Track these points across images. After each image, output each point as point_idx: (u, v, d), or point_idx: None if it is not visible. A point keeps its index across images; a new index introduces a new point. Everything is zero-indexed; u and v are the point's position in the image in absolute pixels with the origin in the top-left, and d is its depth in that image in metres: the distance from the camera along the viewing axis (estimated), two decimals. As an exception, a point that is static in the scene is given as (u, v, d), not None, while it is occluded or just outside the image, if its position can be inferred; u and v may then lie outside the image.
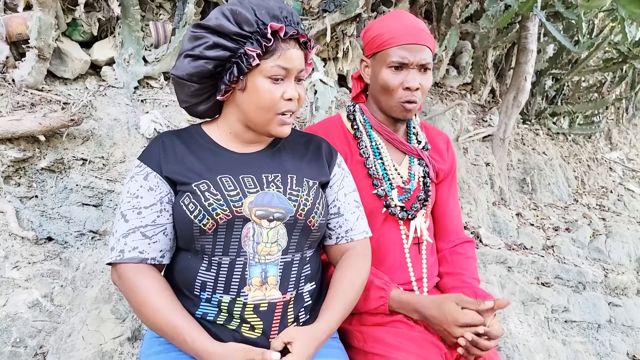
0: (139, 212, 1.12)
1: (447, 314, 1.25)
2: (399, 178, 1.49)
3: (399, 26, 1.39)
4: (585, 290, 2.94)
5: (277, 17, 1.10)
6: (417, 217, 1.49)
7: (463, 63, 3.73)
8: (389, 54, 1.39)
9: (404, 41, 1.37)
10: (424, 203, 1.50)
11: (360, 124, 1.52)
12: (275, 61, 1.11)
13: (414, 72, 1.38)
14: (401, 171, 1.51)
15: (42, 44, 1.94)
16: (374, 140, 1.50)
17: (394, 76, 1.39)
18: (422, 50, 1.38)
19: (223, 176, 1.14)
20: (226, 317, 1.11)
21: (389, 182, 1.47)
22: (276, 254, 1.13)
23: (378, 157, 1.49)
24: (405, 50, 1.37)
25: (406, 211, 1.47)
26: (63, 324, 1.73)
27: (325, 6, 2.57)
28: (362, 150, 1.48)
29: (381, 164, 1.49)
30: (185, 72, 1.12)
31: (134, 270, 1.10)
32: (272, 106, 1.13)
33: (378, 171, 1.47)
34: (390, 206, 1.45)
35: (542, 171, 4.07)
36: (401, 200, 1.47)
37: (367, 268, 1.29)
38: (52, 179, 1.96)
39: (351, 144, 1.51)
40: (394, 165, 1.50)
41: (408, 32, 1.38)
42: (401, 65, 1.38)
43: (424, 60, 1.38)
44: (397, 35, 1.38)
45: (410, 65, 1.38)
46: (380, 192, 1.45)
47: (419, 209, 1.48)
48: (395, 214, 1.45)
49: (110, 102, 2.17)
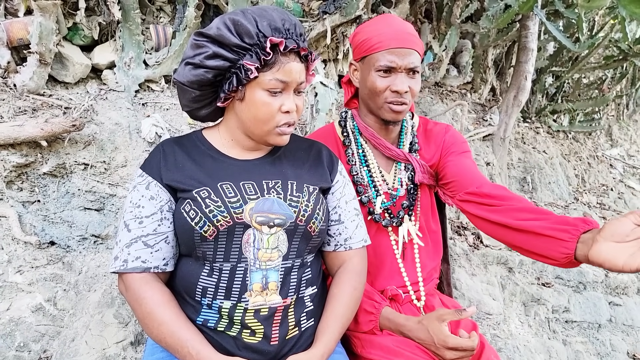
0: (141, 222, 1.13)
1: (435, 337, 1.23)
2: (385, 185, 1.48)
3: (387, 30, 1.39)
4: (586, 290, 2.95)
5: (278, 29, 1.10)
6: (404, 223, 1.48)
7: (463, 62, 3.72)
8: (377, 58, 1.39)
9: (392, 45, 1.37)
10: (410, 209, 1.49)
11: (350, 130, 1.52)
12: (273, 74, 1.11)
13: (402, 76, 1.38)
14: (388, 177, 1.50)
15: (43, 48, 1.93)
16: (360, 146, 1.50)
17: (382, 80, 1.39)
18: (410, 54, 1.38)
19: (224, 183, 1.15)
20: (227, 323, 1.12)
21: (374, 189, 1.47)
22: (277, 259, 1.13)
23: (364, 164, 1.49)
24: (393, 55, 1.37)
25: (391, 218, 1.47)
26: (66, 328, 1.74)
27: (325, 8, 2.57)
28: (348, 157, 1.49)
29: (367, 170, 1.48)
30: (186, 79, 1.13)
31: (140, 281, 1.11)
32: (269, 119, 1.14)
33: (364, 178, 1.47)
34: (373, 213, 1.45)
35: (543, 170, 4.06)
36: (383, 207, 1.46)
37: (363, 283, 1.29)
38: (54, 183, 1.96)
39: (341, 151, 1.51)
40: (380, 172, 1.49)
41: (396, 36, 1.38)
42: (389, 69, 1.38)
43: (412, 64, 1.38)
44: (385, 40, 1.38)
45: (399, 69, 1.38)
46: (364, 199, 1.45)
47: (404, 215, 1.48)
48: (379, 220, 1.45)
49: (112, 106, 2.17)
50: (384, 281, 1.48)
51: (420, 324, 1.27)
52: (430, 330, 1.24)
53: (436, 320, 1.23)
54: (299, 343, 1.18)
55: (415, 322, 1.29)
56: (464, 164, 1.44)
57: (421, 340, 1.27)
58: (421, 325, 1.27)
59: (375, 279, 1.49)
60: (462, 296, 2.49)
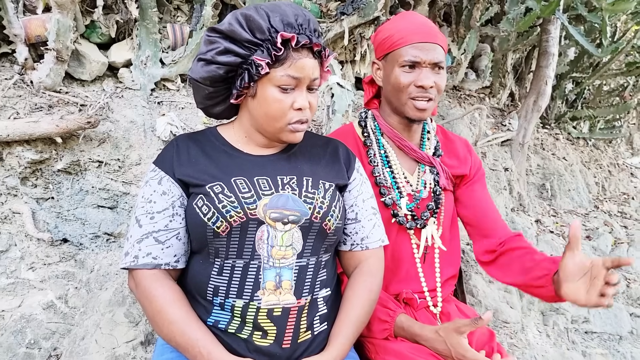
0: (152, 217, 1.12)
1: (452, 349, 1.20)
2: (408, 186, 1.46)
3: (409, 26, 1.37)
4: (607, 300, 2.86)
5: (291, 24, 1.08)
6: (428, 225, 1.45)
7: (482, 66, 3.68)
8: (400, 53, 1.37)
9: (415, 40, 1.35)
10: (435, 211, 1.46)
11: (371, 130, 1.49)
12: (285, 70, 1.09)
13: (427, 71, 1.36)
14: (411, 179, 1.47)
15: (61, 45, 1.94)
16: (382, 147, 1.47)
17: (406, 75, 1.37)
18: (434, 49, 1.35)
19: (237, 178, 1.13)
20: (239, 323, 1.09)
21: (397, 190, 1.44)
22: (291, 257, 1.11)
23: (386, 165, 1.46)
24: (416, 49, 1.35)
25: (415, 220, 1.44)
26: (77, 326, 1.73)
27: (343, 9, 2.54)
28: (370, 158, 1.46)
29: (390, 171, 1.45)
30: (199, 75, 1.13)
31: (151, 278, 1.09)
32: (281, 116, 1.12)
33: (387, 179, 1.44)
34: (397, 215, 1.42)
35: (562, 177, 3.99)
36: (409, 209, 1.43)
37: (379, 285, 1.26)
38: (68, 180, 1.96)
39: (362, 152, 1.48)
40: (403, 173, 1.46)
41: (419, 30, 1.36)
42: (413, 64, 1.36)
43: (436, 58, 1.35)
44: (408, 35, 1.36)
45: (423, 63, 1.35)
46: (388, 200, 1.42)
47: (429, 217, 1.45)
48: (403, 223, 1.42)
49: (127, 104, 2.17)
50: (399, 285, 1.45)
51: (437, 334, 1.23)
52: (448, 342, 1.20)
53: (454, 332, 1.20)
54: (312, 347, 1.15)
55: (432, 331, 1.25)
56: (486, 204, 1.53)
57: (438, 351, 1.24)
58: (438, 336, 1.23)
59: (389, 283, 1.45)
60: (479, 303, 2.44)
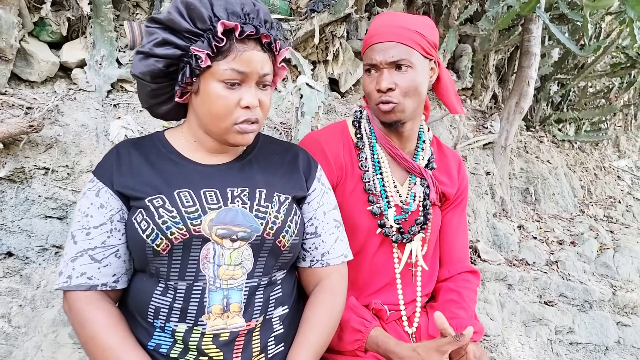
0: (88, 233, 1.02)
1: None
2: (397, 197, 1.38)
3: (371, 27, 1.32)
4: (592, 309, 2.79)
5: (236, 13, 0.98)
6: (414, 241, 1.37)
7: (462, 67, 3.59)
8: (364, 57, 1.34)
9: (372, 41, 1.30)
10: (422, 227, 1.38)
11: (365, 133, 1.41)
12: (229, 64, 0.99)
13: (385, 73, 1.28)
14: (401, 190, 1.39)
15: (4, 44, 1.81)
16: (376, 152, 1.39)
17: (369, 80, 1.32)
18: (390, 48, 1.27)
19: (181, 190, 1.03)
20: (181, 349, 0.99)
21: (386, 200, 1.36)
22: (240, 277, 1.01)
23: (378, 171, 1.38)
24: (373, 51, 1.29)
25: (402, 233, 1.36)
26: (17, 348, 1.60)
27: (313, 6, 2.43)
28: (361, 162, 1.37)
29: (380, 179, 1.37)
30: (138, 70, 1.02)
31: (85, 300, 0.99)
32: (226, 114, 1.02)
33: (376, 187, 1.36)
34: (384, 226, 1.34)
35: (546, 180, 3.92)
36: (396, 221, 1.36)
37: (342, 304, 1.17)
38: (12, 189, 1.83)
39: (353, 154, 1.40)
40: (394, 183, 1.38)
41: (377, 31, 1.29)
42: (372, 67, 1.30)
43: (391, 57, 1.26)
44: (369, 37, 1.32)
45: (380, 65, 1.28)
46: (375, 209, 1.34)
47: (416, 232, 1.37)
48: (389, 235, 1.34)
49: (80, 106, 2.03)
50: (371, 297, 1.38)
51: (415, 352, 1.15)
52: None
53: (435, 351, 1.12)
54: None
55: (409, 349, 1.17)
56: (454, 235, 1.51)
57: None
58: (416, 355, 1.15)
59: (361, 293, 1.38)
60: (457, 315, 2.34)
